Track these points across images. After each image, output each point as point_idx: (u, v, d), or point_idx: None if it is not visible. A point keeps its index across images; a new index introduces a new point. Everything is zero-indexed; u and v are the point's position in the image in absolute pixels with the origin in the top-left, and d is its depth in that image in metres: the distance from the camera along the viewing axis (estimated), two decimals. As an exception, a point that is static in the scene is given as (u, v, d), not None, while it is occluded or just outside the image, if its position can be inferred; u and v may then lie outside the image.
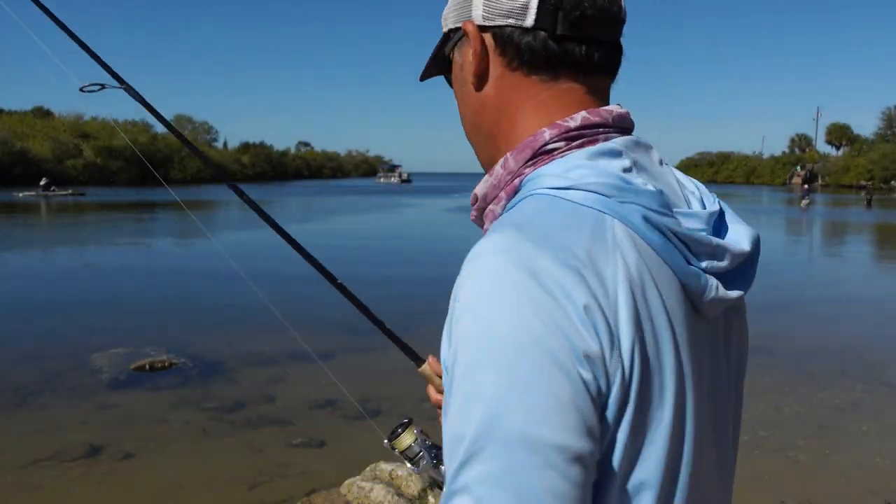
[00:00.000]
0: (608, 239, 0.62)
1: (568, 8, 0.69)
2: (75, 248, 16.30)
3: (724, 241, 0.70)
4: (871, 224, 26.64)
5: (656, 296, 0.64)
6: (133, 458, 4.35)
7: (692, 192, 0.75)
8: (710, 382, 0.72)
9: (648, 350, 0.62)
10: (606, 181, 0.65)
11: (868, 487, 3.98)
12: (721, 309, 0.72)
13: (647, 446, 0.63)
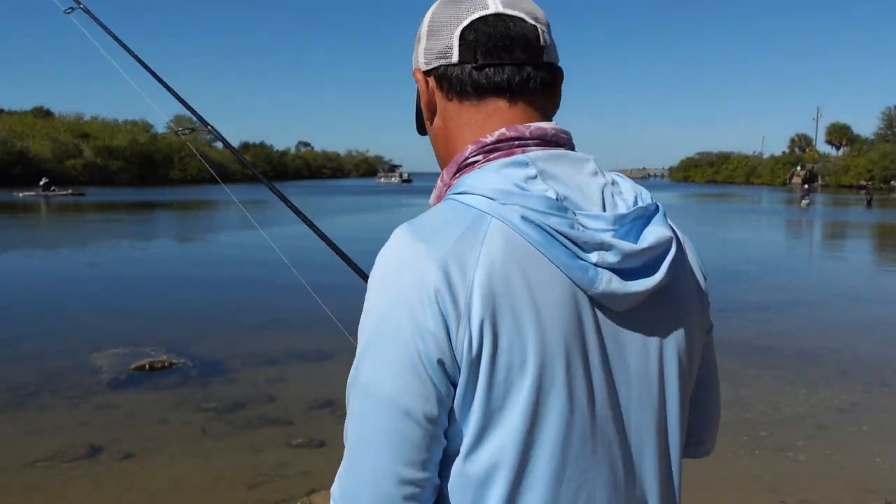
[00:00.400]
0: (480, 234, 0.74)
1: (482, 41, 0.84)
2: (75, 248, 16.30)
3: (615, 239, 0.76)
4: (871, 224, 26.64)
5: (522, 284, 0.73)
6: (133, 458, 4.35)
7: (625, 198, 0.82)
8: (617, 371, 0.79)
9: (501, 328, 0.72)
10: (497, 187, 0.76)
11: (868, 488, 3.98)
12: (632, 301, 0.78)
13: (501, 420, 0.73)
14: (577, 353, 0.76)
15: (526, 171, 0.78)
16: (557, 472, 0.75)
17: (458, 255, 0.73)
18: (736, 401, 5.49)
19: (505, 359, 0.72)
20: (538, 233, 0.74)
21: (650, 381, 0.82)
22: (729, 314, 8.92)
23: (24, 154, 61.58)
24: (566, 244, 0.75)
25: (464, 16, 0.85)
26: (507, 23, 0.85)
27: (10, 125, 67.60)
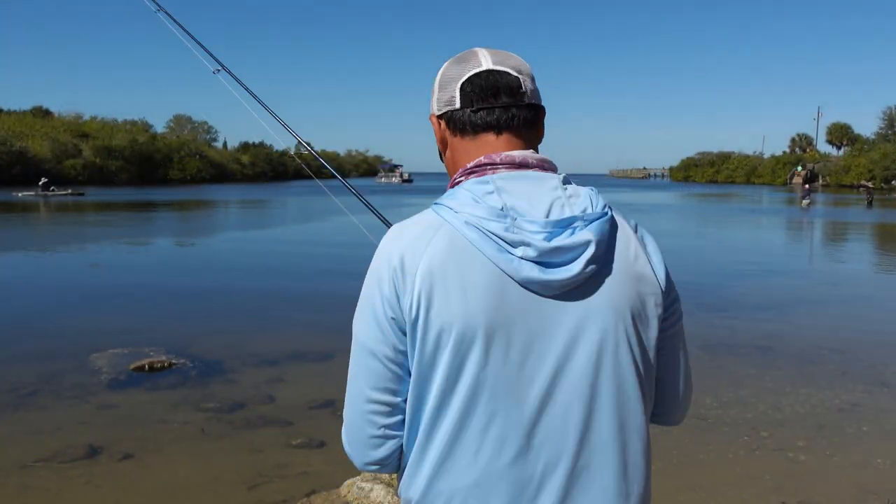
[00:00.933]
0: (430, 235, 1.05)
1: (476, 91, 1.13)
2: (74, 248, 16.29)
3: (536, 238, 1.01)
4: (871, 224, 26.63)
5: (456, 272, 1.02)
6: (132, 458, 4.35)
7: (573, 208, 1.05)
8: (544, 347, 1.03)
9: (433, 301, 1.01)
10: (458, 199, 1.06)
11: (868, 488, 3.97)
12: (556, 287, 1.02)
13: (434, 364, 1.03)
14: (499, 323, 1.02)
15: (485, 188, 1.06)
16: (468, 407, 1.03)
17: (412, 248, 1.05)
18: (736, 401, 5.48)
19: (436, 322, 1.02)
20: (476, 233, 1.02)
21: (576, 353, 1.04)
22: (730, 314, 8.91)
23: (23, 154, 61.55)
24: (497, 241, 1.01)
25: (464, 72, 1.14)
26: (495, 76, 1.13)
27: (9, 125, 67.58)
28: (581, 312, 1.04)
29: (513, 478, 1.03)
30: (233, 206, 36.55)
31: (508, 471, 1.03)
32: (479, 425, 1.03)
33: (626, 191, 67.77)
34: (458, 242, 1.03)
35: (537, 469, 1.04)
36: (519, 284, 1.02)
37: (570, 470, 1.04)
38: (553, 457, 1.04)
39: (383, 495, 3.51)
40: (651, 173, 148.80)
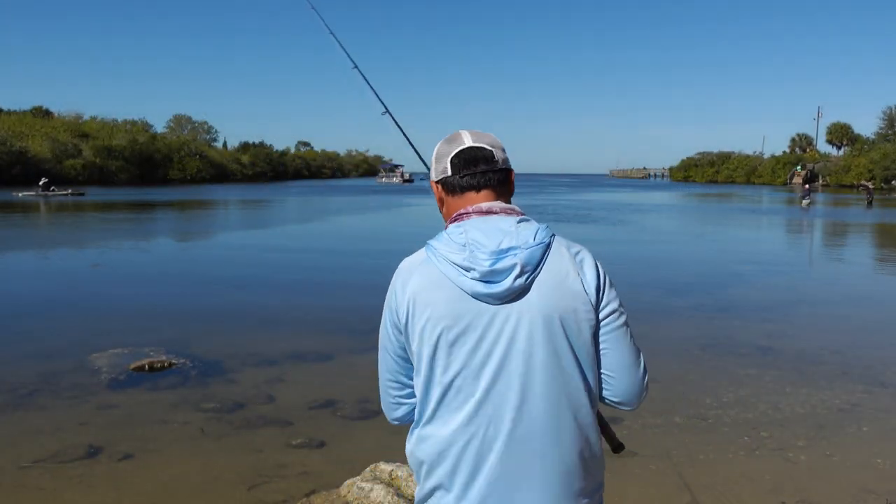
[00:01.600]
0: (419, 265, 1.49)
1: (461, 163, 1.55)
2: (74, 247, 16.29)
3: (478, 264, 1.41)
4: (872, 224, 26.63)
5: (429, 293, 1.45)
6: (132, 458, 4.34)
7: (517, 238, 1.44)
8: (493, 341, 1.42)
9: (415, 314, 1.45)
10: (440, 241, 1.48)
11: (868, 488, 3.97)
12: (499, 298, 1.41)
13: (420, 357, 1.46)
14: (460, 325, 1.43)
15: (458, 230, 1.48)
16: (445, 384, 1.44)
17: (404, 278, 1.51)
18: (736, 401, 5.48)
19: (417, 328, 1.46)
20: (445, 264, 1.45)
21: (515, 343, 1.41)
22: (730, 314, 8.91)
23: (23, 154, 61.52)
24: (457, 268, 1.43)
25: (453, 149, 1.57)
26: (475, 151, 1.56)
27: (8, 125, 67.53)
28: (518, 315, 1.42)
29: (467, 435, 1.42)
30: (233, 206, 36.55)
31: (464, 430, 1.43)
32: (450, 396, 1.45)
33: (626, 191, 67.74)
34: (432, 272, 1.47)
35: (485, 431, 1.42)
36: (472, 297, 1.43)
37: (509, 433, 1.41)
38: (496, 421, 1.41)
39: (383, 495, 3.50)
40: (651, 173, 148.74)
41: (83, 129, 76.96)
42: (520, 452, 1.41)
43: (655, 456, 4.42)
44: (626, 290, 9.78)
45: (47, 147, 64.72)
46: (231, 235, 20.16)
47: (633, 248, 17.16)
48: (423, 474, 1.51)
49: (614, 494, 3.88)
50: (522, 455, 1.41)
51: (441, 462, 1.46)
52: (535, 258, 1.43)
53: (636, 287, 11.03)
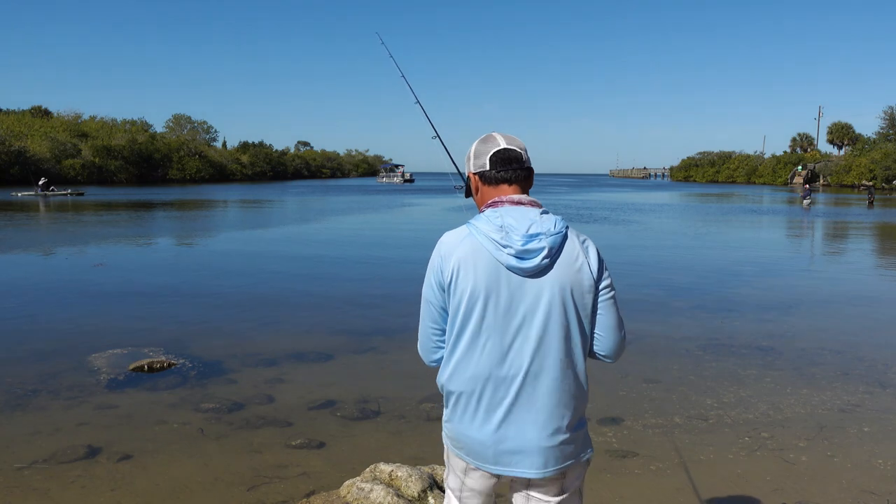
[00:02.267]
0: (463, 238, 1.89)
1: (498, 161, 1.96)
2: (74, 247, 16.27)
3: (517, 243, 1.83)
4: (872, 224, 26.61)
5: (472, 261, 1.85)
6: (131, 459, 4.33)
7: (542, 226, 1.87)
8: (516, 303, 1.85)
9: (459, 277, 1.86)
10: (480, 220, 1.89)
11: (869, 489, 3.96)
12: (529, 271, 1.84)
13: (457, 310, 1.87)
14: (494, 288, 1.85)
15: (495, 214, 1.89)
16: (475, 334, 1.87)
17: (449, 246, 1.91)
18: (737, 401, 5.47)
19: (459, 287, 1.86)
20: (485, 239, 1.86)
21: (539, 307, 1.85)
22: (730, 314, 8.90)
23: (22, 154, 61.49)
24: (496, 243, 1.84)
25: (491, 149, 1.98)
26: (508, 151, 1.98)
27: (7, 125, 67.49)
28: (541, 285, 1.86)
29: (494, 375, 1.87)
30: (233, 206, 36.53)
31: (493, 371, 1.87)
32: (479, 345, 1.88)
33: (626, 191, 67.71)
34: (475, 244, 1.88)
35: (509, 372, 1.87)
36: (506, 268, 1.85)
37: (526, 374, 1.86)
38: (517, 366, 1.86)
39: (383, 496, 3.49)
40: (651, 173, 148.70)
41: (82, 128, 76.94)
42: (533, 388, 1.87)
43: (656, 456, 4.41)
44: (626, 290, 9.77)
45: (46, 147, 64.70)
46: (230, 235, 20.14)
47: (632, 247, 17.14)
48: (453, 402, 1.96)
49: (615, 494, 3.87)
50: (534, 390, 1.87)
51: (472, 392, 1.90)
52: (557, 243, 1.87)
53: (636, 287, 11.02)
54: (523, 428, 1.87)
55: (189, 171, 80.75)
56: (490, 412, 1.88)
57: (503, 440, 1.88)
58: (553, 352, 1.86)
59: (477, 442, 1.91)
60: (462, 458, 1.97)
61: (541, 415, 1.87)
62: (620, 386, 5.86)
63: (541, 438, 1.88)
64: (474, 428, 1.90)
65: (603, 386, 5.89)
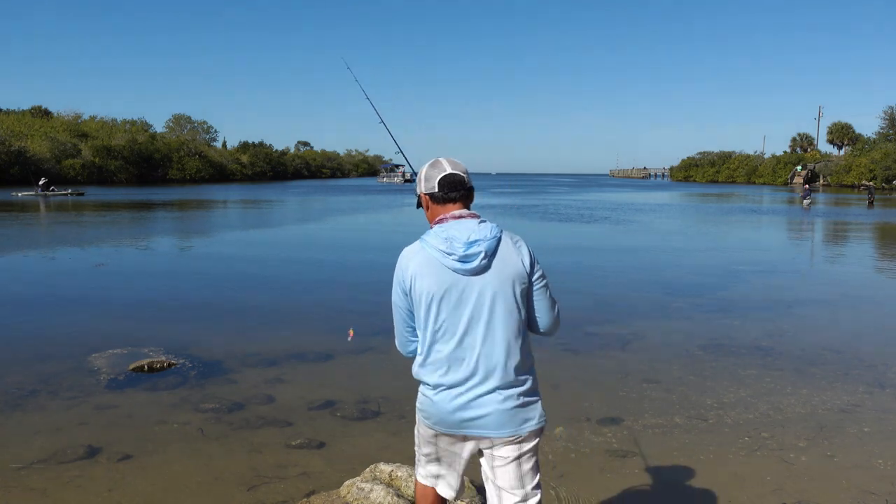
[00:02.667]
0: (417, 252, 2.34)
1: (446, 185, 2.38)
2: (74, 247, 16.28)
3: (460, 250, 2.26)
4: (873, 224, 26.61)
5: (426, 270, 2.30)
6: (132, 459, 4.33)
7: (479, 234, 2.28)
8: (466, 297, 2.29)
9: (416, 284, 2.31)
10: (430, 235, 2.33)
11: (869, 489, 3.96)
12: (472, 272, 2.27)
13: (419, 311, 2.35)
14: (446, 288, 2.28)
15: (441, 228, 2.31)
16: (436, 328, 2.31)
17: (408, 260, 2.35)
18: (737, 402, 5.47)
19: (417, 291, 2.32)
20: (434, 250, 2.29)
21: (484, 298, 2.28)
22: (730, 314, 8.89)
23: (22, 153, 61.48)
24: (443, 253, 2.27)
25: (438, 174, 2.38)
26: (454, 176, 2.38)
27: (7, 125, 67.47)
28: (484, 280, 2.29)
29: (457, 357, 2.30)
30: (233, 206, 36.53)
31: (452, 353, 2.31)
32: (441, 336, 2.32)
33: (627, 191, 67.70)
34: (427, 255, 2.31)
35: (468, 353, 2.30)
36: (453, 271, 2.28)
37: (479, 352, 2.29)
38: (472, 346, 2.29)
39: (383, 496, 3.49)
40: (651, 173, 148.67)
41: (82, 128, 76.96)
42: (487, 362, 2.29)
43: (656, 456, 4.40)
44: (627, 289, 9.75)
45: (46, 147, 64.70)
46: (231, 235, 20.14)
47: (633, 247, 17.14)
48: (425, 381, 2.39)
49: (615, 494, 3.87)
50: (489, 364, 2.29)
51: (430, 371, 2.36)
52: (493, 246, 2.30)
53: (637, 287, 11.02)
54: (483, 396, 2.30)
55: (189, 171, 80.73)
56: (455, 386, 2.31)
57: (468, 408, 2.31)
58: (500, 332, 2.29)
59: (446, 412, 2.33)
60: (431, 427, 2.40)
61: (496, 384, 2.30)
62: (620, 386, 5.86)
63: (497, 403, 2.30)
64: (443, 403, 2.33)
65: (603, 386, 5.89)
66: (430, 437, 2.43)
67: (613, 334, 7.72)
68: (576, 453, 4.47)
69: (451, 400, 2.31)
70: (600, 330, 7.94)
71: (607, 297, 10.08)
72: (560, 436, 4.76)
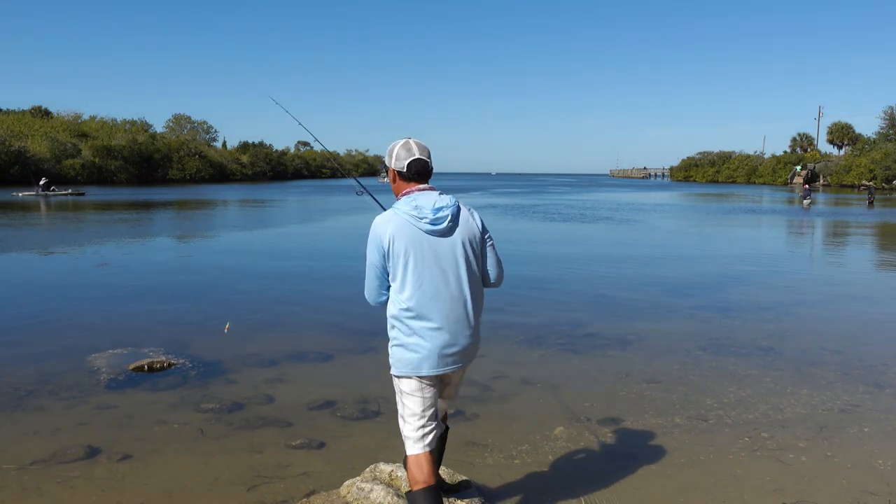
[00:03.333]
0: (391, 218, 2.90)
1: (413, 167, 2.96)
2: (74, 247, 16.28)
3: (429, 215, 2.87)
4: (873, 224, 26.61)
5: (401, 232, 2.87)
6: (132, 459, 4.33)
7: (443, 202, 2.92)
8: (437, 254, 2.88)
9: (394, 245, 2.86)
10: (398, 205, 2.93)
11: (869, 489, 3.96)
12: (440, 233, 2.89)
13: (395, 268, 2.90)
14: (419, 246, 2.86)
15: (409, 199, 2.92)
16: (411, 278, 2.86)
17: (385, 224, 2.89)
18: (737, 402, 5.47)
19: (396, 250, 2.86)
20: (406, 216, 2.87)
21: (451, 255, 2.90)
22: (730, 315, 8.89)
23: (21, 153, 61.46)
24: (415, 218, 2.86)
25: (409, 157, 2.95)
26: (420, 161, 2.96)
27: (7, 125, 67.45)
28: (451, 240, 2.88)
29: (427, 300, 2.85)
30: (234, 207, 36.53)
31: (426, 300, 2.85)
32: (415, 284, 2.84)
33: (627, 191, 67.69)
34: (400, 220, 2.85)
35: (441, 300, 2.85)
36: (425, 233, 2.84)
37: (446, 297, 2.87)
38: (441, 293, 2.86)
39: (383, 496, 3.49)
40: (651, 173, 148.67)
41: (82, 128, 76.89)
42: (453, 306, 2.88)
43: (656, 456, 4.40)
44: (628, 289, 9.73)
45: (46, 147, 64.66)
46: (231, 235, 20.14)
47: (632, 247, 17.14)
48: (401, 329, 2.91)
49: (615, 494, 3.87)
50: (455, 307, 2.89)
51: (412, 316, 2.86)
52: (455, 212, 2.92)
53: (637, 287, 11.02)
54: (456, 335, 2.89)
55: (189, 171, 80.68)
56: (433, 329, 2.86)
57: (445, 346, 2.87)
58: (465, 282, 2.90)
59: (426, 350, 2.86)
60: (421, 375, 2.90)
61: (466, 325, 2.92)
62: (620, 386, 5.86)
63: (467, 339, 2.94)
64: (424, 343, 2.86)
65: (603, 386, 5.89)
66: (416, 391, 2.93)
67: (613, 334, 7.72)
68: (576, 453, 4.47)
69: (436, 339, 2.86)
70: (600, 330, 7.94)
71: (607, 297, 10.08)
72: (560, 436, 4.76)
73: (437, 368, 2.87)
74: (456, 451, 4.38)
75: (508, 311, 8.83)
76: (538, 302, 9.68)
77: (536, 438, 4.72)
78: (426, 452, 2.93)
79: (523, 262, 13.81)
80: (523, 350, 7.04)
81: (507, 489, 3.92)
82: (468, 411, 5.23)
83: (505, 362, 6.57)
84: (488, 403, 5.43)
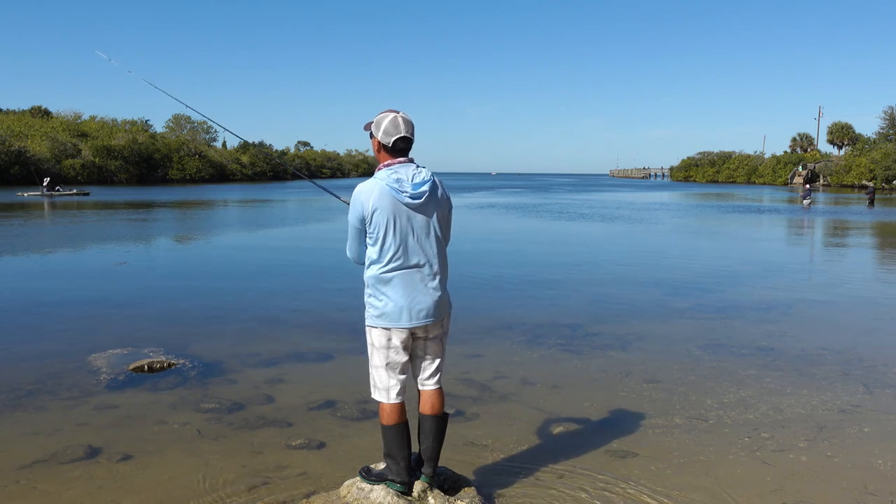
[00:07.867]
0: (373, 187, 3.27)
1: (399, 142, 3.33)
2: (74, 247, 16.28)
3: (409, 188, 3.26)
4: (873, 224, 26.59)
5: (383, 202, 3.25)
6: (131, 459, 4.33)
7: (421, 176, 3.31)
8: (413, 224, 3.30)
9: (375, 213, 3.25)
10: (380, 175, 3.30)
11: (870, 490, 3.95)
12: (418, 204, 3.29)
13: (375, 233, 3.30)
14: (398, 215, 3.26)
15: (390, 170, 3.29)
16: (389, 243, 3.28)
17: (368, 193, 3.27)
18: (737, 402, 5.46)
19: (377, 217, 3.25)
20: (387, 187, 3.24)
21: (426, 224, 3.34)
22: (730, 314, 8.89)
23: (22, 154, 61.46)
24: (395, 189, 3.24)
25: (397, 133, 3.30)
26: (407, 139, 3.33)
27: (7, 125, 67.45)
28: (427, 211, 3.31)
29: (404, 266, 3.30)
30: (234, 207, 36.53)
31: (408, 262, 3.31)
32: (393, 249, 3.27)
33: (627, 191, 67.67)
34: (382, 189, 3.23)
35: (420, 261, 3.33)
36: (404, 204, 3.25)
37: (419, 262, 3.32)
38: (415, 259, 3.32)
39: (383, 496, 3.49)
40: (652, 173, 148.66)
41: (82, 128, 76.95)
42: (432, 267, 3.34)
43: (656, 456, 4.40)
44: (627, 289, 9.72)
45: (46, 147, 64.69)
46: (232, 236, 20.14)
47: (632, 246, 17.13)
48: (379, 288, 3.33)
49: (615, 494, 3.87)
50: (433, 268, 3.34)
51: (390, 280, 3.29)
52: (432, 186, 3.30)
53: (637, 286, 11.01)
54: (426, 293, 3.33)
55: (189, 171, 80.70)
56: (409, 287, 3.29)
57: (417, 304, 3.31)
58: (438, 248, 3.35)
59: (402, 308, 3.29)
60: (400, 328, 3.33)
61: (435, 283, 3.35)
62: (620, 386, 5.86)
63: (435, 296, 3.36)
64: (400, 300, 3.29)
65: (603, 386, 5.88)
66: (394, 344, 3.37)
67: (613, 334, 7.72)
68: (576, 454, 4.47)
69: (415, 295, 3.29)
70: (600, 330, 7.94)
71: (607, 297, 10.08)
72: (560, 436, 4.75)
73: (416, 321, 3.32)
74: (456, 451, 4.38)
75: (508, 311, 8.82)
76: (538, 302, 9.68)
77: (536, 438, 4.71)
78: (393, 403, 3.45)
79: (523, 262, 13.81)
80: (523, 350, 7.04)
81: (507, 489, 3.92)
82: (468, 411, 5.22)
83: (505, 362, 6.57)
84: (488, 403, 5.43)
